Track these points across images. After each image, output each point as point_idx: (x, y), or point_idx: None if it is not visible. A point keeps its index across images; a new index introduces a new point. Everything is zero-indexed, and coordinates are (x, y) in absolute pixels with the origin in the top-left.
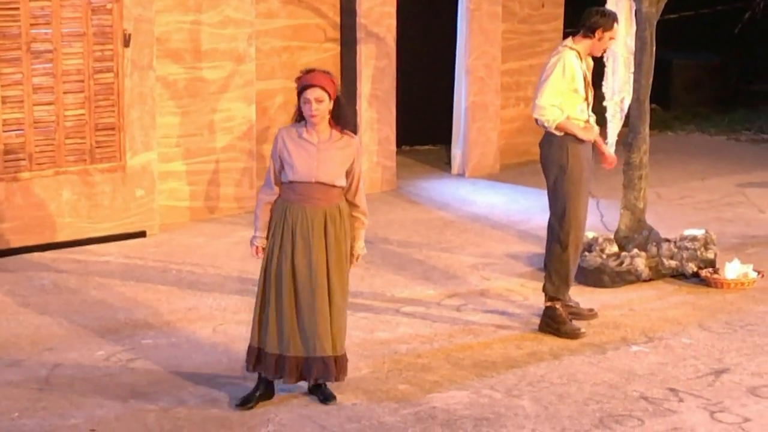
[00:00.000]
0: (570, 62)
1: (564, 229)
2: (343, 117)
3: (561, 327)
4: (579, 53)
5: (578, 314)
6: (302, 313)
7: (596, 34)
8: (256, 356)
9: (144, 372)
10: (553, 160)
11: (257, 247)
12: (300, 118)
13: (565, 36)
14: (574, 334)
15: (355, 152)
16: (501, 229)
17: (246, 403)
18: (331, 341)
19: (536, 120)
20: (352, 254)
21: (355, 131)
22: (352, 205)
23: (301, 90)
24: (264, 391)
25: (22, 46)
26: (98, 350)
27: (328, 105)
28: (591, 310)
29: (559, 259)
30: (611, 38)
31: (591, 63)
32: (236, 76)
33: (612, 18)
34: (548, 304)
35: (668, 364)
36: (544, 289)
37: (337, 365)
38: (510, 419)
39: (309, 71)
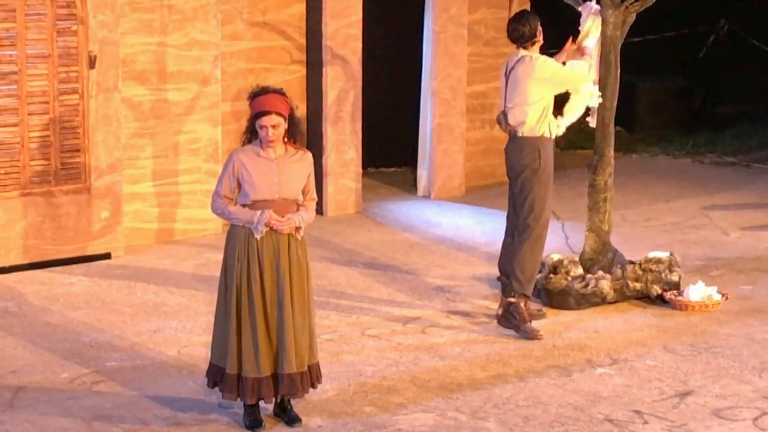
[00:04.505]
0: None
1: (530, 227)
2: (297, 132)
3: (521, 325)
4: None
5: (528, 314)
6: (271, 331)
7: (537, 36)
8: (236, 383)
9: (108, 394)
10: (525, 162)
11: (269, 217)
12: (251, 138)
13: None
14: (532, 335)
15: (309, 166)
16: (466, 251)
17: (257, 425)
18: (296, 358)
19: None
20: (297, 229)
21: (304, 137)
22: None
23: (257, 115)
24: (258, 411)
25: None
26: (62, 373)
27: (283, 126)
28: (540, 309)
29: (525, 256)
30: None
31: None
32: (202, 98)
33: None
34: (512, 300)
35: (633, 386)
36: (510, 287)
37: (303, 380)
38: None
39: (262, 91)
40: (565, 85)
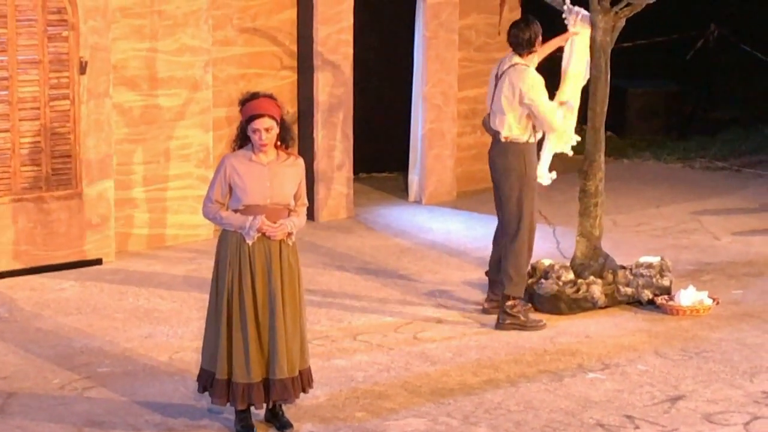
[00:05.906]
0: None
1: (520, 230)
2: (288, 137)
3: (525, 323)
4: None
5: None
6: (262, 336)
7: (536, 45)
8: (226, 388)
9: (100, 401)
10: (511, 167)
11: (261, 222)
12: (242, 143)
13: None
14: (538, 326)
15: (301, 171)
16: (458, 256)
17: (248, 431)
18: (287, 363)
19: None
20: (289, 235)
21: (295, 142)
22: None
23: (250, 119)
24: (249, 416)
25: None
26: (54, 379)
27: (276, 130)
28: (540, 321)
29: (516, 260)
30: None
31: None
32: (193, 103)
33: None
34: (509, 303)
35: (624, 391)
36: (504, 291)
37: (294, 386)
38: None
39: (253, 96)
40: (530, 112)
